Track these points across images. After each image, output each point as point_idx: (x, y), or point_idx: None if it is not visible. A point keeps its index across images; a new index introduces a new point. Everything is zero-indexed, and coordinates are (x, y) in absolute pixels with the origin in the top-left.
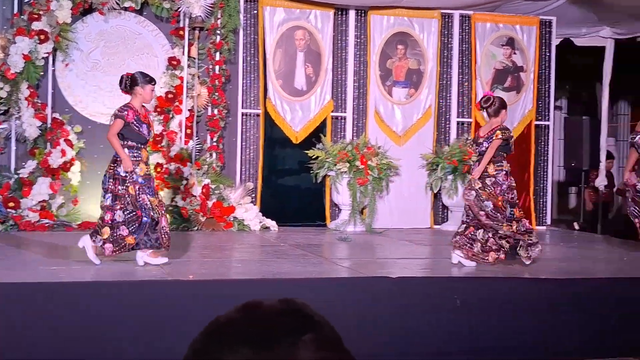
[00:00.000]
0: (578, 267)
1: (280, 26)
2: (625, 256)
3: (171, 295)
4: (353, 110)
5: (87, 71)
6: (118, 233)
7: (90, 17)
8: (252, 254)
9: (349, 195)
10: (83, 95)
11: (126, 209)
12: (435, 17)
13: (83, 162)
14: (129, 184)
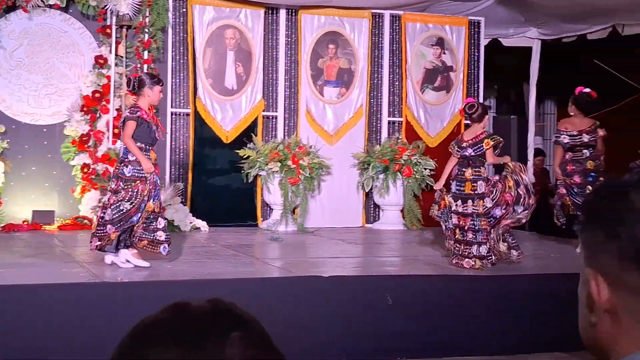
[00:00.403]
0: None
1: (210, 25)
2: (553, 253)
3: (100, 297)
4: (284, 109)
5: (11, 70)
6: (105, 231)
7: (14, 15)
8: (182, 255)
9: (281, 195)
10: (6, 95)
11: (118, 207)
12: (366, 17)
13: (7, 162)
14: (141, 183)
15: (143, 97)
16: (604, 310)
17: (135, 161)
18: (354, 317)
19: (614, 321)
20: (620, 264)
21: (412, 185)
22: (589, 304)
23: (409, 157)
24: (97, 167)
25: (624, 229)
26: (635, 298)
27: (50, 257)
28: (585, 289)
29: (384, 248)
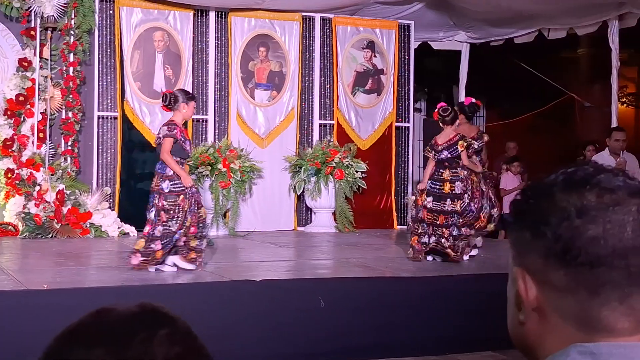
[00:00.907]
0: (437, 265)
1: (138, 27)
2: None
3: (25, 305)
4: (215, 112)
5: None
6: (151, 247)
7: None
8: (110, 261)
9: (212, 199)
10: None
11: (167, 224)
12: (297, 20)
13: None
14: (182, 197)
15: (178, 112)
16: (532, 308)
17: (173, 175)
18: (286, 321)
19: (542, 319)
20: (546, 262)
21: (344, 187)
22: (517, 303)
23: (340, 159)
24: (21, 172)
25: (549, 228)
26: (560, 296)
27: None
28: (513, 288)
29: (316, 251)
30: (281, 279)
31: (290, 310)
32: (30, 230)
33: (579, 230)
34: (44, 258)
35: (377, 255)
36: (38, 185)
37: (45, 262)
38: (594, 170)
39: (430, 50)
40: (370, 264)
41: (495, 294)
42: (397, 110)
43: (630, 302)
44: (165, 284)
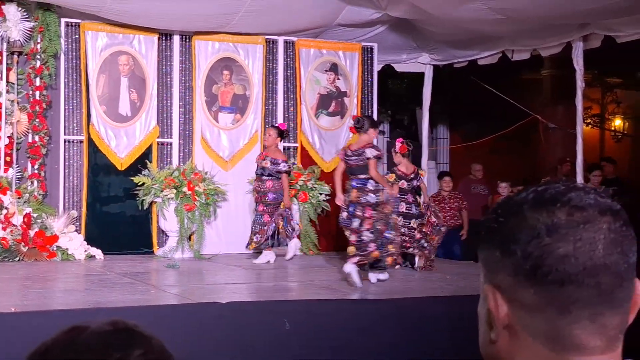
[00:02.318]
0: (402, 287)
1: (103, 51)
2: (448, 275)
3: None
4: (179, 135)
5: None
6: (365, 249)
7: None
8: (77, 284)
9: (177, 222)
10: None
11: (374, 229)
12: (260, 43)
13: None
14: (383, 206)
15: (367, 135)
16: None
17: (377, 189)
18: (252, 343)
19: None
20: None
21: (308, 210)
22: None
23: (304, 182)
24: None
25: (518, 246)
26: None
27: None
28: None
29: (280, 273)
30: (246, 301)
31: (255, 332)
32: None
33: (549, 248)
34: (11, 281)
35: (342, 277)
36: (5, 209)
37: (12, 285)
38: (565, 188)
39: (393, 72)
40: (335, 286)
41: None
42: None
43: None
44: (133, 307)
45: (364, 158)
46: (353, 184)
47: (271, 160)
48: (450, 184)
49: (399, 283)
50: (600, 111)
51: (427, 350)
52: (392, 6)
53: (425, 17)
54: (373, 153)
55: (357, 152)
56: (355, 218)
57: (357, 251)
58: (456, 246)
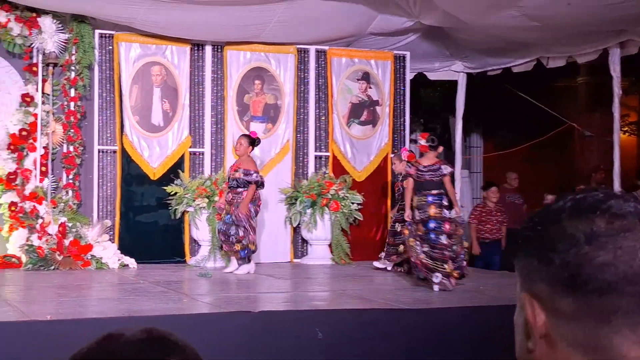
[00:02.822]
0: (434, 297)
1: (136, 62)
2: (482, 285)
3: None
4: (211, 145)
5: None
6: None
7: None
8: (110, 292)
9: (209, 231)
10: None
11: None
12: (292, 53)
13: None
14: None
15: (436, 152)
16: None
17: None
18: (284, 352)
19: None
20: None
21: (340, 219)
22: (526, 331)
23: (336, 191)
24: (24, 205)
25: (556, 255)
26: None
27: None
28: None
29: (312, 283)
30: (278, 310)
31: (287, 341)
32: (34, 263)
33: (588, 257)
34: (46, 289)
35: (374, 287)
36: (41, 218)
37: (48, 294)
38: (604, 196)
39: (426, 80)
40: (367, 296)
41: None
42: (393, 142)
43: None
44: (165, 315)
45: (440, 174)
46: (430, 200)
47: (244, 171)
48: (497, 194)
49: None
50: (638, 119)
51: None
52: (425, 14)
53: (458, 24)
54: (448, 170)
55: (432, 168)
56: (442, 235)
57: (453, 263)
58: (496, 258)
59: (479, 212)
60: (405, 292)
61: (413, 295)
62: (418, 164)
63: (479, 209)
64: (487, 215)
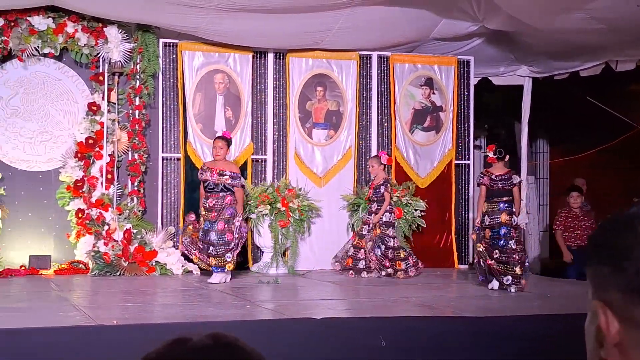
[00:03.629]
0: (498, 305)
1: (200, 70)
2: (549, 293)
3: (95, 340)
4: (273, 152)
5: (7, 118)
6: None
7: (9, 64)
8: (175, 298)
9: (271, 238)
10: (3, 142)
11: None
12: (354, 59)
13: (4, 209)
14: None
15: (505, 162)
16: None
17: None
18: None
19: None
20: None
21: (403, 226)
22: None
23: (399, 198)
24: (91, 212)
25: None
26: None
27: (47, 301)
28: (593, 323)
29: (375, 290)
30: (341, 317)
31: (350, 348)
32: (100, 268)
33: None
34: (112, 295)
35: (438, 294)
36: (107, 225)
37: (114, 299)
38: None
39: (490, 85)
40: (430, 303)
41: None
42: (457, 148)
43: None
44: (228, 321)
45: (511, 183)
46: (502, 207)
47: (231, 175)
48: (578, 199)
49: (496, 301)
50: None
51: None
52: (489, 18)
53: (523, 28)
54: (518, 180)
55: (504, 177)
56: (512, 240)
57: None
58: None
59: (564, 218)
60: (470, 299)
61: (477, 303)
62: (490, 174)
63: (564, 215)
64: (574, 220)
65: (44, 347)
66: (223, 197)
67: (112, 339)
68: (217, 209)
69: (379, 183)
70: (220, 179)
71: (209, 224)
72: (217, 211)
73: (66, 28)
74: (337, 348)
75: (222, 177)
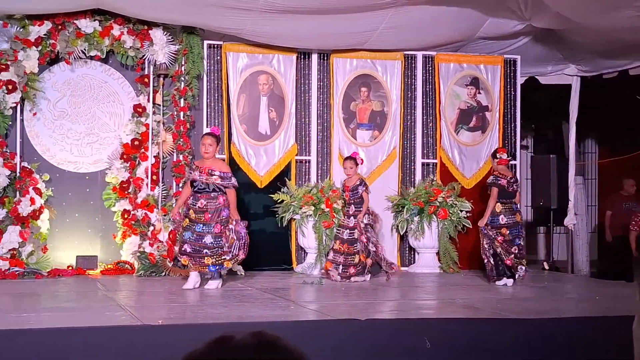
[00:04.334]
0: (547, 307)
1: (244, 71)
2: (598, 295)
3: (141, 340)
4: (317, 153)
5: (55, 120)
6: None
7: (56, 67)
8: (219, 298)
9: (315, 239)
10: (50, 144)
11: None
12: (398, 59)
13: (52, 210)
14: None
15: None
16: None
17: None
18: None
19: None
20: None
21: (448, 227)
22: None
23: (444, 199)
24: (137, 213)
25: None
26: None
27: (94, 300)
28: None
29: (420, 291)
30: (386, 318)
31: (395, 350)
32: (145, 269)
33: None
34: (157, 295)
35: (484, 296)
36: (152, 226)
37: (159, 299)
38: None
39: (537, 84)
40: (476, 305)
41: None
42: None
43: None
44: (272, 321)
45: (518, 185)
46: (515, 208)
47: (221, 175)
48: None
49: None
50: None
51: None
52: (536, 17)
53: (571, 26)
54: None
55: (514, 180)
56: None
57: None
58: None
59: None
60: (517, 301)
61: (524, 305)
62: (504, 176)
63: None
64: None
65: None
66: (215, 197)
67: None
68: (211, 211)
69: (356, 184)
70: (210, 179)
71: (202, 227)
72: (212, 213)
73: (112, 31)
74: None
75: (212, 177)
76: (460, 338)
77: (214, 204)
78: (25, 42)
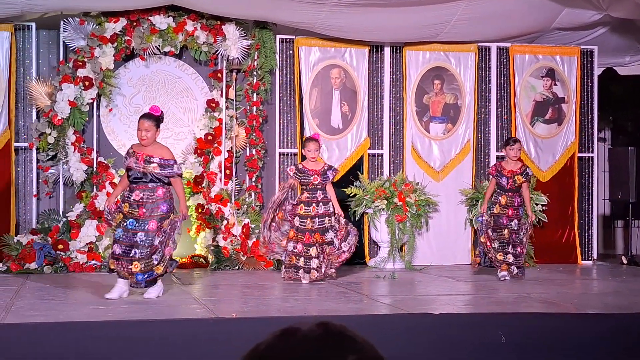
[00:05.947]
0: (626, 302)
1: (316, 65)
2: None
3: (215, 332)
4: (390, 147)
5: (130, 115)
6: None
7: (132, 63)
8: (291, 292)
9: (388, 233)
10: (126, 139)
11: None
12: (472, 51)
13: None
14: None
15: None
16: None
17: None
18: (466, 356)
19: None
20: None
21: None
22: None
23: None
24: (210, 207)
25: None
26: None
27: (169, 294)
28: None
29: (495, 285)
30: (460, 312)
31: (469, 344)
32: (219, 262)
33: None
34: (232, 288)
35: (561, 290)
36: (225, 220)
37: (233, 292)
38: None
39: (615, 75)
40: (553, 300)
41: None
42: (580, 140)
43: None
44: (344, 315)
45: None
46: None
47: (160, 162)
48: None
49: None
50: None
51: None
52: (614, 6)
53: None
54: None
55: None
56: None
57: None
58: None
59: None
60: (596, 296)
61: (604, 300)
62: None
63: None
64: None
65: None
66: (153, 189)
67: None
68: (147, 205)
69: (324, 168)
70: (147, 168)
71: (134, 223)
72: (147, 207)
73: (186, 27)
74: (455, 344)
75: (150, 165)
76: (536, 333)
77: (151, 197)
78: (101, 39)
